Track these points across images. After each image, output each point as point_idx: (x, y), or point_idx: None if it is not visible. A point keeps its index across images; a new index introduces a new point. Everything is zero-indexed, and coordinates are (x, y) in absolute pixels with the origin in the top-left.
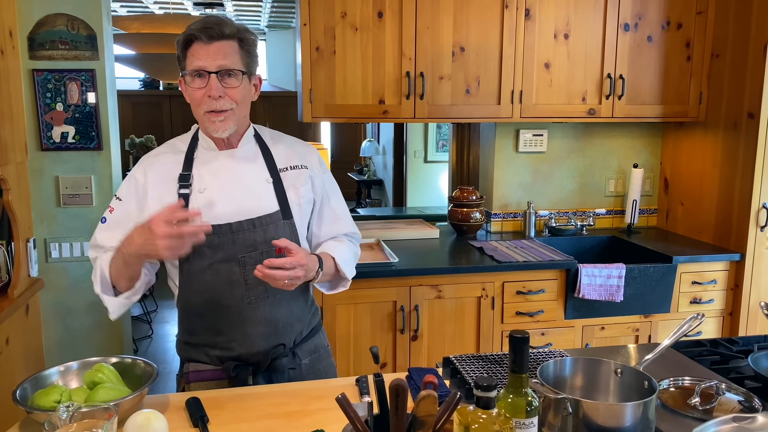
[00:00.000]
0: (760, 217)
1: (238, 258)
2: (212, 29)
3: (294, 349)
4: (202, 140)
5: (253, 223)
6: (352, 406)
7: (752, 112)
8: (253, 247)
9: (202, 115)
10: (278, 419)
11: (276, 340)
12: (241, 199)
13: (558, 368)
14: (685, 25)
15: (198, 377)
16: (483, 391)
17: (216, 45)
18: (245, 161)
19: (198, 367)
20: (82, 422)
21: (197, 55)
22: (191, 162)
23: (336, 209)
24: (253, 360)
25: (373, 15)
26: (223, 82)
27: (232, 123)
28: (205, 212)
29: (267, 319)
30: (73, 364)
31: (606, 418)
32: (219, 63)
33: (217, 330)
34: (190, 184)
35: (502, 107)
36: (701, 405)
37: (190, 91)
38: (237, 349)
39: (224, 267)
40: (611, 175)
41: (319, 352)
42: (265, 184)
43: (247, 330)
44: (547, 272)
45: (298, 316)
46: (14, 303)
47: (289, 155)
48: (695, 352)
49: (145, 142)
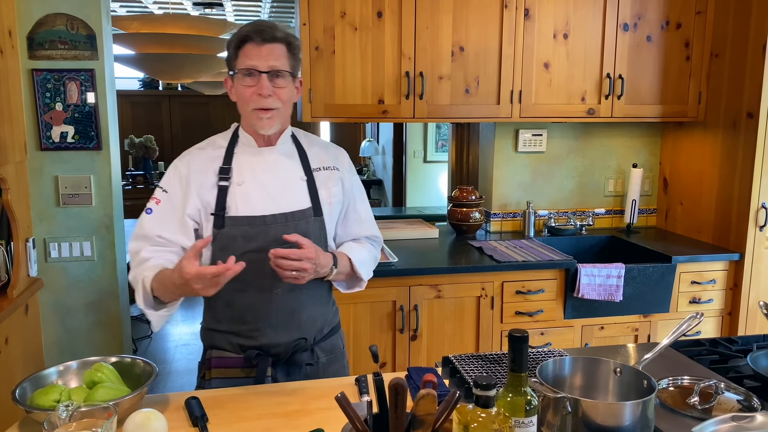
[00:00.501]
0: (759, 217)
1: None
2: (265, 32)
3: (313, 346)
4: (242, 137)
5: (285, 217)
6: (351, 405)
7: (751, 112)
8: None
9: (250, 112)
10: (278, 418)
11: (297, 334)
12: (276, 194)
13: (557, 368)
14: (684, 25)
15: (220, 363)
16: (482, 389)
17: (268, 47)
18: (282, 159)
19: (221, 353)
20: (82, 421)
21: (249, 55)
22: (231, 156)
23: (361, 212)
24: (274, 351)
25: (373, 15)
26: (273, 82)
27: (278, 121)
28: (242, 204)
29: (291, 312)
30: (73, 364)
31: (605, 418)
32: (270, 64)
33: (243, 319)
34: (230, 177)
35: (502, 107)
36: (700, 404)
37: (240, 89)
38: (260, 338)
39: (255, 257)
40: (610, 174)
41: (335, 352)
42: (299, 182)
43: (272, 321)
44: (547, 272)
45: (320, 314)
46: (14, 303)
47: (322, 157)
48: (694, 351)
49: (144, 141)
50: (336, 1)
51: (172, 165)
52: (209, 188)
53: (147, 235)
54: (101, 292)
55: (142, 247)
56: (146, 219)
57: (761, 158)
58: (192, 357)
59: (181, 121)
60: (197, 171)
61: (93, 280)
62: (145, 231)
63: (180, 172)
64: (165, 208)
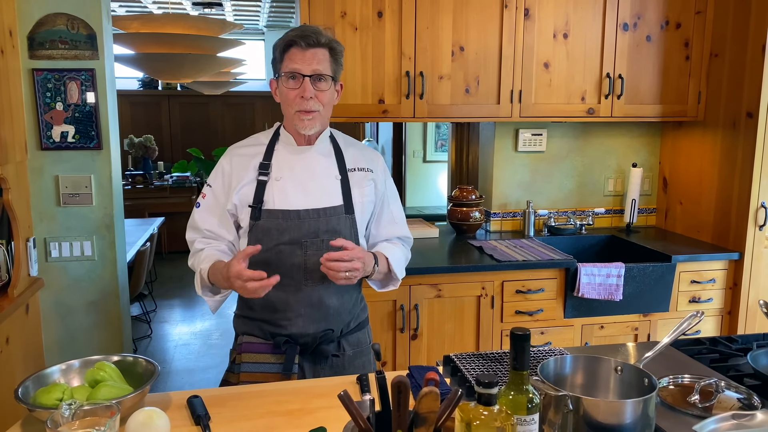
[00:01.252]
0: (759, 216)
1: (302, 242)
2: (310, 37)
3: (340, 339)
4: (283, 136)
5: (318, 212)
6: (354, 402)
7: (751, 112)
8: (315, 234)
9: (293, 114)
10: (279, 417)
11: (325, 326)
12: (311, 190)
13: (558, 366)
14: (684, 25)
15: (250, 348)
16: (485, 387)
17: (311, 51)
18: (320, 158)
19: (251, 339)
20: (85, 420)
21: (294, 59)
22: (271, 153)
23: (394, 213)
24: (302, 341)
25: (373, 15)
26: (315, 86)
27: (319, 122)
28: (278, 198)
29: (320, 304)
30: (75, 363)
31: (606, 415)
32: (313, 68)
33: (274, 307)
34: (269, 172)
35: (502, 107)
36: (701, 402)
37: (285, 91)
38: (289, 327)
39: (288, 249)
40: (610, 174)
41: (362, 347)
42: (334, 180)
43: (301, 311)
44: (547, 271)
45: (348, 308)
46: (14, 302)
47: (357, 158)
48: (695, 350)
49: (144, 141)
50: (336, 1)
51: (218, 162)
52: (249, 182)
53: (198, 228)
54: (102, 291)
55: (195, 238)
56: (196, 213)
57: (761, 158)
58: (191, 357)
59: (180, 120)
60: (239, 166)
61: (93, 279)
62: (196, 224)
63: (224, 169)
64: (210, 202)
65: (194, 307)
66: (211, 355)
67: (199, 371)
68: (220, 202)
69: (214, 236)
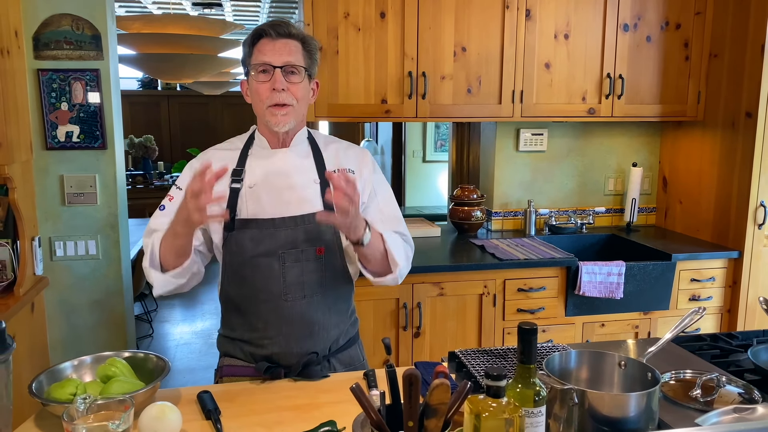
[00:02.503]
0: (758, 215)
1: (278, 254)
2: (280, 27)
3: (329, 357)
4: (257, 139)
5: (295, 221)
6: (366, 395)
7: (750, 112)
8: (293, 244)
9: (265, 110)
10: (288, 411)
11: (310, 344)
12: (288, 197)
13: (563, 361)
14: (683, 26)
15: (231, 372)
16: (493, 380)
17: (282, 42)
18: (295, 161)
19: (232, 362)
20: (99, 414)
21: (264, 50)
22: (245, 158)
23: (383, 209)
24: (285, 362)
25: (376, 15)
26: (287, 78)
27: (293, 118)
28: (252, 207)
29: (302, 320)
30: (87, 359)
31: (611, 408)
32: (284, 59)
33: (253, 326)
34: (242, 179)
35: (503, 107)
36: (702, 397)
37: (255, 86)
38: (270, 347)
39: (264, 261)
40: (610, 173)
41: (354, 364)
42: (312, 184)
43: (282, 329)
44: (548, 270)
45: (335, 323)
46: (20, 301)
47: (339, 158)
48: (696, 346)
49: (144, 141)
50: (339, 1)
51: (188, 164)
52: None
53: (154, 229)
54: (106, 290)
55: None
56: (157, 215)
57: (760, 157)
58: (192, 356)
59: (180, 121)
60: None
61: (98, 278)
62: (153, 226)
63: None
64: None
65: (195, 306)
66: (212, 354)
67: (200, 370)
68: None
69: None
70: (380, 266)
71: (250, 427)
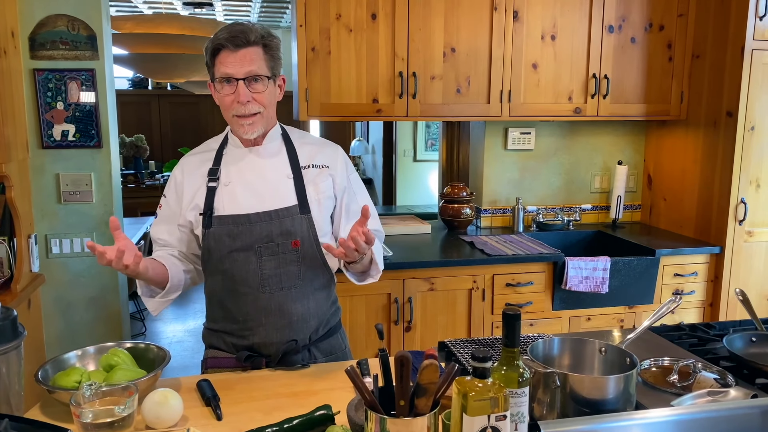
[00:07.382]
0: (739, 212)
1: (255, 248)
2: (238, 38)
3: (310, 347)
4: (231, 139)
5: (270, 215)
6: (360, 377)
7: (731, 111)
8: (269, 238)
9: (231, 118)
10: (285, 398)
11: (290, 334)
12: (262, 193)
13: (547, 347)
14: (666, 27)
15: (215, 364)
16: (479, 362)
17: (242, 52)
18: (268, 157)
19: (216, 353)
20: (105, 399)
21: (225, 62)
22: (220, 159)
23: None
24: (266, 351)
25: (367, 17)
26: (251, 88)
27: (260, 125)
28: (228, 204)
29: (281, 310)
30: (90, 349)
31: (591, 390)
32: (246, 69)
33: (234, 318)
34: (218, 177)
35: (492, 106)
36: (679, 382)
37: (220, 97)
38: (251, 338)
39: (242, 255)
40: (596, 171)
41: (336, 353)
42: (285, 180)
43: (262, 320)
44: (536, 265)
45: (314, 312)
46: (17, 298)
47: (313, 154)
48: (675, 335)
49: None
50: (331, 3)
51: (172, 171)
52: (201, 190)
53: (153, 239)
54: (101, 287)
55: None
56: (154, 224)
57: (740, 155)
58: (186, 354)
59: (170, 120)
60: (189, 174)
61: (93, 275)
62: (153, 236)
63: (176, 178)
64: (165, 213)
65: (187, 305)
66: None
67: (193, 367)
68: (175, 212)
69: (165, 244)
70: (363, 272)
71: (249, 412)
